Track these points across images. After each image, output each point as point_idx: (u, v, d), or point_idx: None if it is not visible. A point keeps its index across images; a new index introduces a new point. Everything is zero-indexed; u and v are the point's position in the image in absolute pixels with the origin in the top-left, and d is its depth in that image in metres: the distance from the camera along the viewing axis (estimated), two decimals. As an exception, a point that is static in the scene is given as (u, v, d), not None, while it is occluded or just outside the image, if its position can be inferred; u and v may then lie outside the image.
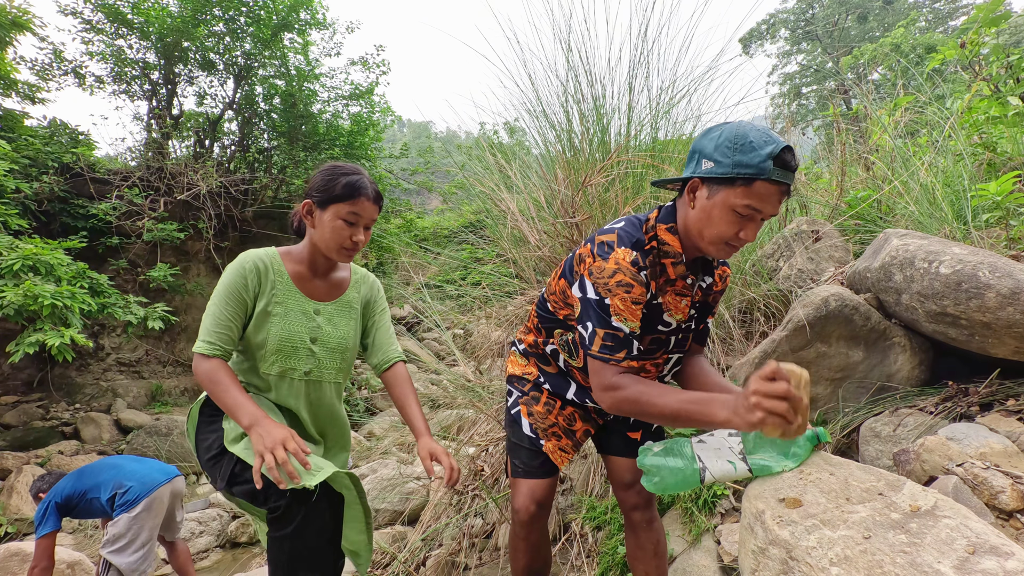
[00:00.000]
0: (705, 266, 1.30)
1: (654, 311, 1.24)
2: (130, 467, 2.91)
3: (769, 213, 1.09)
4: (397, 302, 11.84)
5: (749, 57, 24.09)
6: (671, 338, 1.30)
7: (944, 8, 21.38)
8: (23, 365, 6.60)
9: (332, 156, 9.61)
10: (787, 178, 1.07)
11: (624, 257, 1.16)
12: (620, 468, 1.48)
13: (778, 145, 1.05)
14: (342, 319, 1.51)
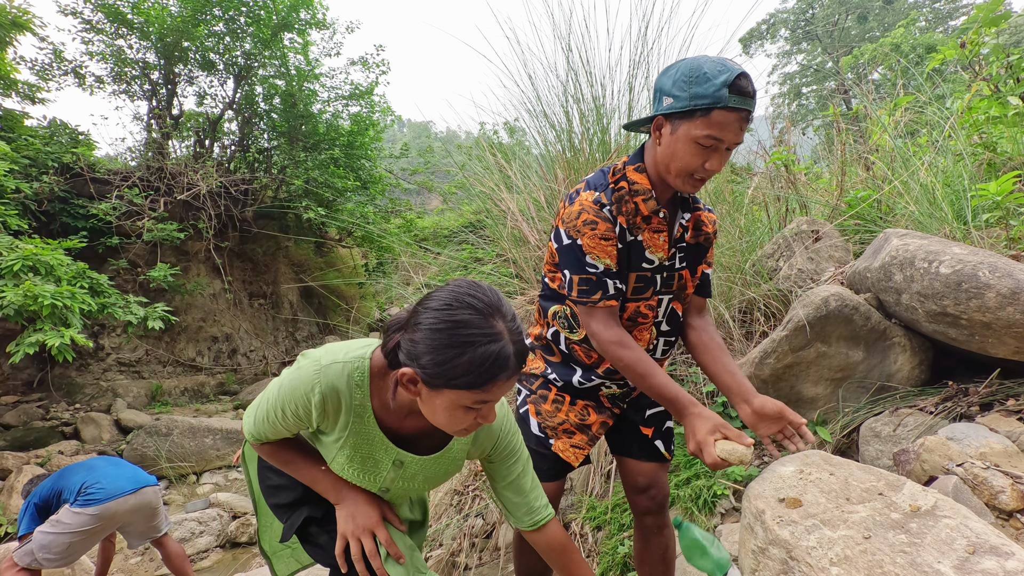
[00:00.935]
0: (683, 203, 1.32)
1: (634, 248, 1.26)
2: (104, 469, 2.87)
3: (731, 141, 1.12)
4: (397, 302, 11.84)
5: (749, 57, 24.09)
6: (656, 276, 1.30)
7: (944, 8, 21.38)
8: (23, 365, 6.59)
9: (332, 156, 9.60)
10: (745, 104, 1.08)
11: (588, 198, 1.23)
12: (635, 472, 1.44)
13: (732, 72, 1.06)
14: (439, 473, 1.18)
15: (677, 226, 1.30)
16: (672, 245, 1.30)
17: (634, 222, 1.25)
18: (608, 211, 1.23)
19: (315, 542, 1.21)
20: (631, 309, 1.31)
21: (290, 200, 9.48)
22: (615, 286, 1.24)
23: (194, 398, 7.93)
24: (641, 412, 1.46)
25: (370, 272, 11.42)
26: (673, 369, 2.43)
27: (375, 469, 1.11)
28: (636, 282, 1.28)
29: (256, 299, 9.76)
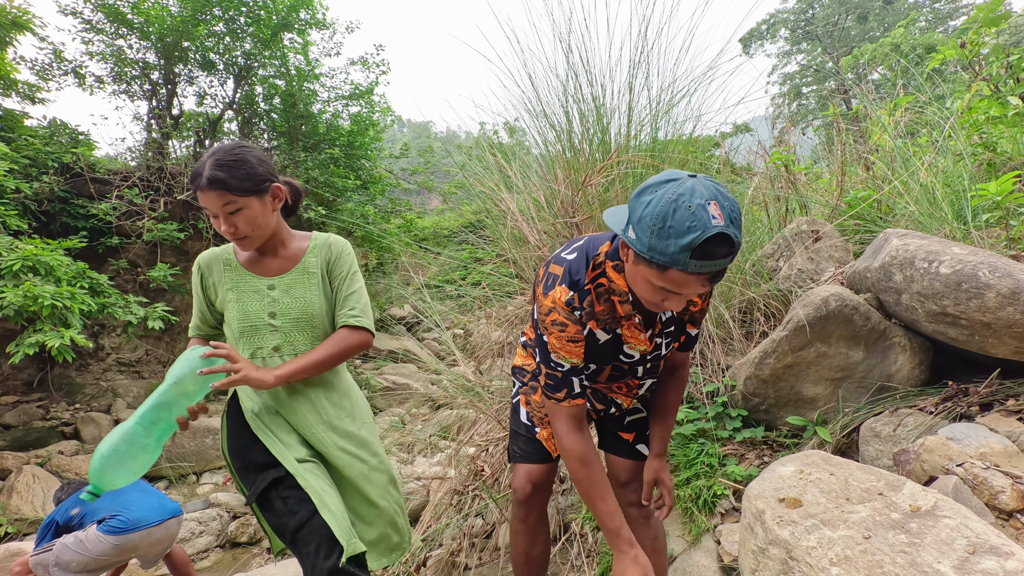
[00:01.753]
0: None
1: (613, 343, 1.25)
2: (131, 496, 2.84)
3: (689, 295, 1.04)
4: (397, 302, 11.84)
5: (749, 57, 24.08)
6: (637, 367, 1.33)
7: (944, 8, 21.38)
8: (23, 365, 6.60)
9: (332, 156, 9.61)
10: (708, 268, 0.97)
11: (560, 296, 1.17)
12: (616, 467, 1.53)
13: (703, 233, 0.92)
14: (300, 288, 1.48)
15: (658, 320, 1.27)
16: (654, 337, 1.28)
17: (612, 318, 1.21)
18: (579, 314, 1.19)
19: (271, 507, 1.33)
20: (604, 382, 1.40)
21: (290, 200, 9.46)
22: (581, 383, 1.24)
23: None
24: (620, 420, 1.54)
25: (370, 272, 11.42)
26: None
27: (255, 297, 1.46)
28: (613, 371, 1.35)
29: (256, 299, 9.76)
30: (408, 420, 4.50)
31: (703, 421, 2.16)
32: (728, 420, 2.15)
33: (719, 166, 3.42)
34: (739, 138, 3.92)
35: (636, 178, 2.71)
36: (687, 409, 2.21)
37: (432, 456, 3.76)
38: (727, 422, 2.15)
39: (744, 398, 2.13)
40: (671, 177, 0.99)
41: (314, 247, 1.54)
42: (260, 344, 1.43)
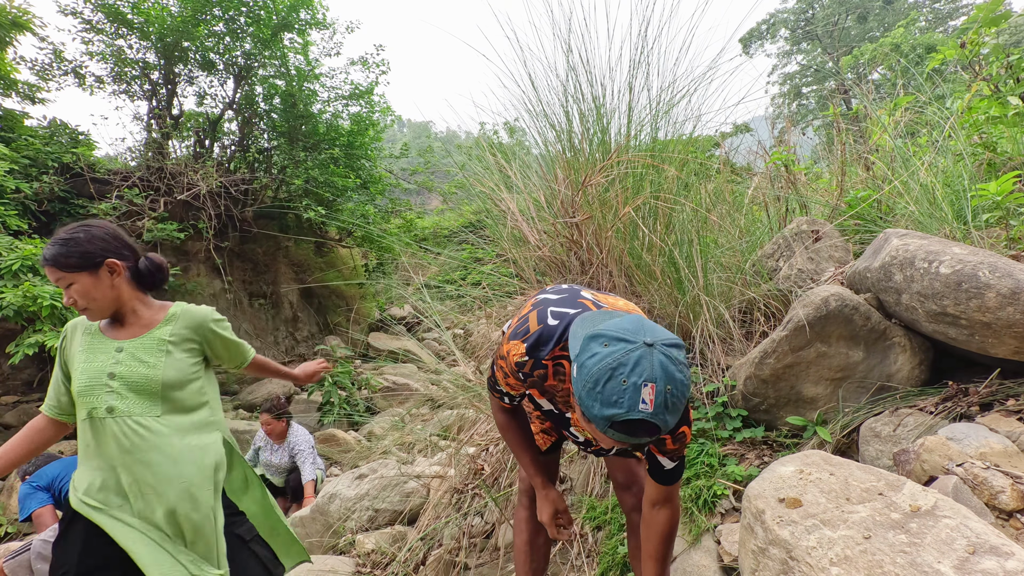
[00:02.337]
0: None
1: (559, 416, 1.33)
2: None
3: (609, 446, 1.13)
4: (397, 302, 11.84)
5: (749, 57, 24.09)
6: (579, 445, 1.42)
7: (944, 8, 21.38)
8: (23, 365, 6.58)
9: (332, 156, 9.61)
10: (624, 440, 0.95)
11: (516, 354, 1.20)
12: (614, 469, 1.54)
13: (623, 415, 0.91)
14: (149, 354, 1.55)
15: None
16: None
17: (564, 400, 1.25)
18: (523, 376, 1.22)
19: None
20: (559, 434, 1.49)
21: (290, 200, 9.48)
22: (511, 401, 1.37)
23: (194, 398, 7.92)
24: None
25: (370, 272, 11.43)
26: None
27: (102, 357, 1.53)
28: (559, 435, 1.45)
29: (256, 299, 9.76)
30: (408, 420, 4.50)
31: (703, 421, 2.16)
32: (728, 420, 2.15)
33: (719, 166, 3.42)
34: (739, 138, 3.92)
35: (636, 178, 2.71)
36: (687, 409, 2.21)
37: (432, 456, 3.76)
38: (727, 422, 2.15)
39: (744, 398, 2.13)
40: (625, 337, 0.95)
41: (169, 317, 1.65)
42: (95, 404, 1.48)
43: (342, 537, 3.04)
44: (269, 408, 4.30)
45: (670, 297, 2.49)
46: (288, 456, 4.32)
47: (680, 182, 2.73)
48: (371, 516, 3.15)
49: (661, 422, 0.92)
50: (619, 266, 2.62)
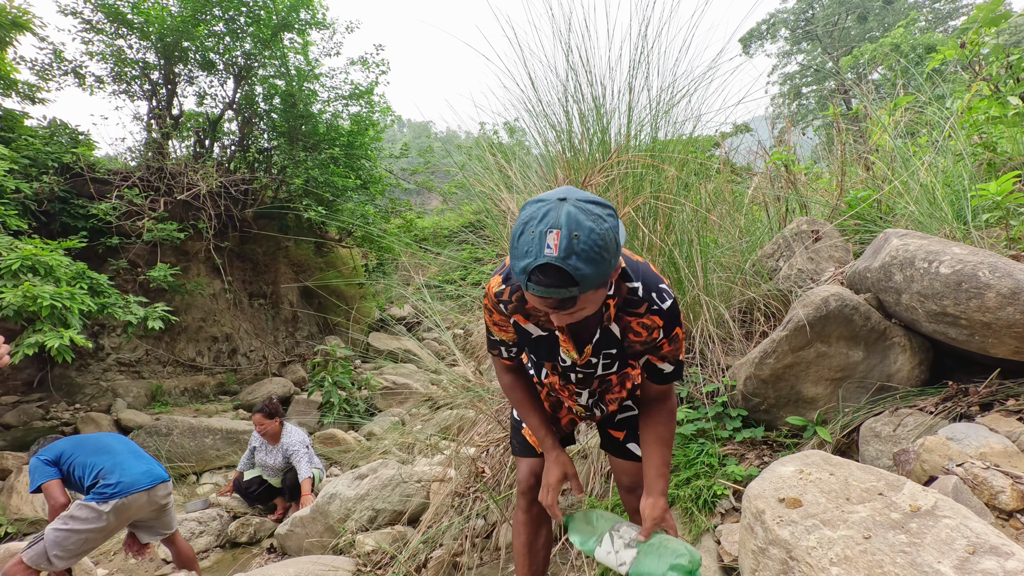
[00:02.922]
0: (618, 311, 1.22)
1: (549, 342, 1.30)
2: (123, 460, 2.87)
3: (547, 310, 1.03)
4: (397, 302, 11.83)
5: (749, 57, 24.08)
6: (570, 374, 1.36)
7: (944, 8, 21.38)
8: (23, 365, 6.59)
9: (332, 156, 9.61)
10: (542, 293, 0.97)
11: (493, 286, 1.27)
12: (618, 470, 1.54)
13: (531, 263, 0.94)
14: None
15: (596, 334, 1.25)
16: (595, 351, 1.27)
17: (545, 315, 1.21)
18: (504, 307, 1.26)
19: None
20: (549, 382, 1.43)
21: (290, 200, 9.48)
22: (508, 352, 1.39)
23: (194, 398, 7.92)
24: (611, 418, 1.56)
25: (370, 272, 11.43)
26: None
27: None
28: (552, 370, 1.40)
29: (256, 299, 9.76)
30: (408, 420, 4.50)
31: (703, 421, 2.16)
32: (728, 420, 2.15)
33: (719, 166, 3.42)
34: (739, 138, 3.91)
35: (636, 178, 2.70)
36: (687, 409, 2.21)
37: (432, 456, 3.75)
38: (727, 422, 2.15)
39: (744, 398, 2.13)
40: (542, 197, 0.99)
41: None
42: None
43: (342, 537, 3.04)
44: (261, 408, 4.29)
45: (670, 297, 2.49)
46: (282, 457, 4.31)
47: (680, 182, 2.73)
48: (371, 516, 3.15)
49: (571, 268, 0.93)
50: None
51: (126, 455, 2.92)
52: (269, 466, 4.36)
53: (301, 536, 3.42)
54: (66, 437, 3.00)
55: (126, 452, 2.95)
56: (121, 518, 2.77)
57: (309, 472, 4.18)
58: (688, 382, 2.36)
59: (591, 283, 0.97)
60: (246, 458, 4.57)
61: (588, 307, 1.05)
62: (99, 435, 3.05)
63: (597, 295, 1.04)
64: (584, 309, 1.05)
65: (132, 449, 3.03)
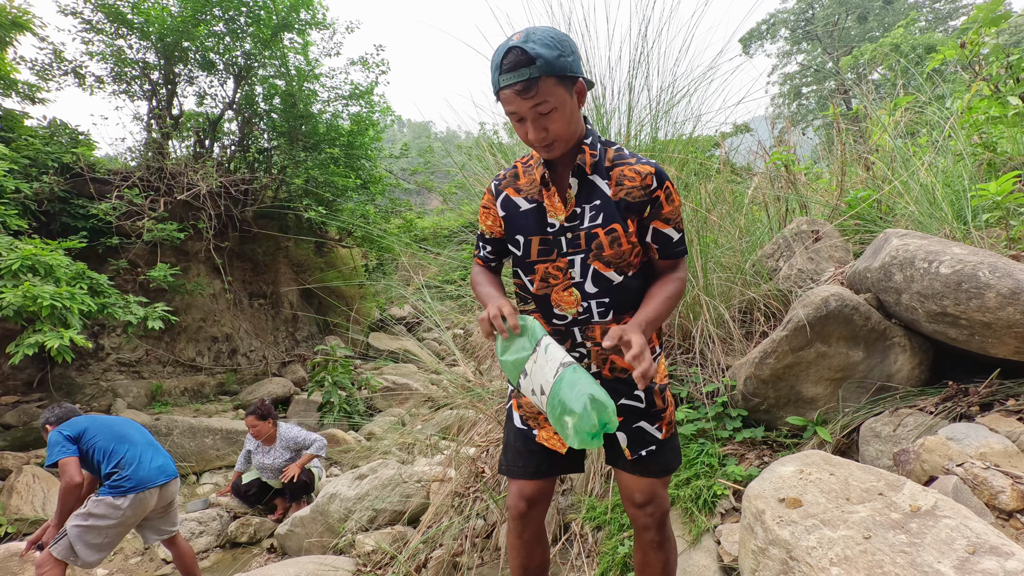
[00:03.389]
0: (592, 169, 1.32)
1: (537, 213, 1.35)
2: (142, 452, 2.91)
3: (523, 111, 1.19)
4: (397, 302, 11.83)
5: (749, 57, 24.09)
6: (560, 238, 1.34)
7: (944, 8, 21.38)
8: (23, 365, 6.59)
9: (332, 156, 9.61)
10: (512, 79, 1.14)
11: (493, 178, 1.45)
12: (627, 486, 1.41)
13: (500, 54, 1.15)
14: None
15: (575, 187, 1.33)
16: (579, 202, 1.32)
17: (537, 189, 1.35)
18: (496, 184, 1.42)
19: None
20: (540, 271, 1.37)
21: (290, 200, 9.48)
22: (485, 250, 1.48)
23: (194, 398, 7.93)
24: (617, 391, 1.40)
25: (370, 272, 11.43)
26: (673, 369, 2.43)
27: None
28: (540, 244, 1.36)
29: (256, 299, 9.76)
30: (408, 420, 4.50)
31: (703, 421, 2.16)
32: (728, 420, 2.15)
33: (719, 166, 3.42)
34: (739, 138, 3.91)
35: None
36: (687, 409, 2.21)
37: (432, 456, 3.75)
38: (727, 422, 2.15)
39: (744, 398, 2.13)
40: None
41: None
42: None
43: (342, 537, 3.04)
44: (253, 411, 4.27)
45: (670, 297, 2.49)
46: (285, 453, 4.31)
47: (680, 182, 2.73)
48: (371, 516, 3.15)
49: (529, 48, 1.12)
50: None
51: (145, 447, 2.96)
52: (267, 467, 4.35)
53: (301, 536, 3.42)
54: (88, 415, 2.98)
55: (145, 444, 2.99)
56: (137, 511, 2.82)
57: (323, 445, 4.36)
58: (688, 382, 2.36)
59: (548, 64, 1.13)
60: (243, 459, 4.58)
61: (552, 104, 1.17)
62: (119, 420, 3.07)
63: (558, 93, 1.17)
64: (549, 103, 1.17)
65: (150, 441, 3.06)
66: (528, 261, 1.37)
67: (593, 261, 1.31)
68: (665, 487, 1.41)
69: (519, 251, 1.38)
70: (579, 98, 1.25)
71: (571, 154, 1.31)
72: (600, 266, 1.32)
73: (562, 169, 1.33)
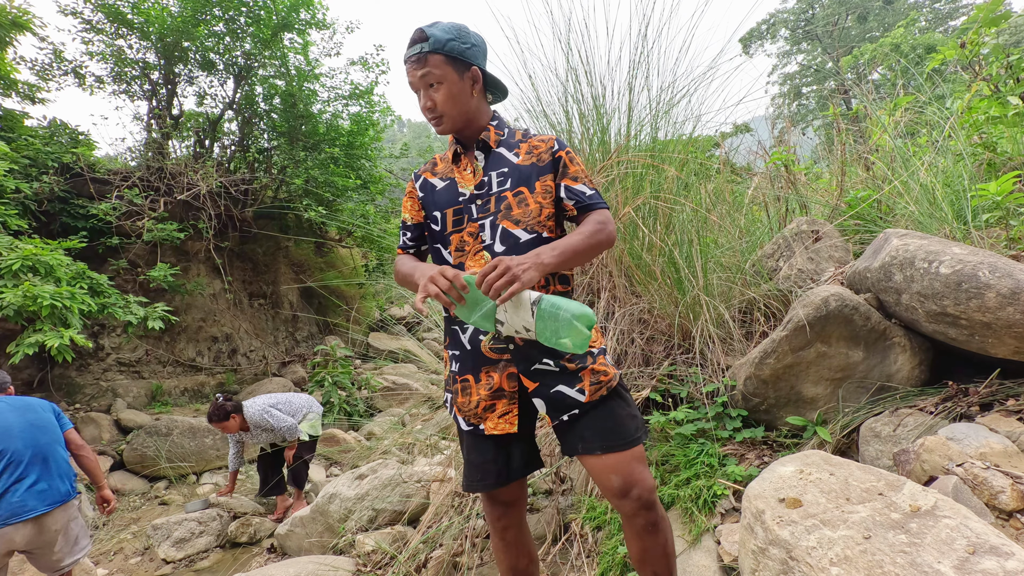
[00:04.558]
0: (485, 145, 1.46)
1: (450, 187, 1.47)
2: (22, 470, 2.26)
3: (414, 83, 1.37)
4: (397, 302, 11.82)
5: (749, 57, 24.07)
6: (470, 205, 1.42)
7: (944, 8, 21.38)
8: (23, 365, 6.59)
9: (332, 156, 9.61)
10: (410, 52, 1.35)
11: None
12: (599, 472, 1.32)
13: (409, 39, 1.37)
14: None
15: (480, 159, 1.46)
16: (486, 171, 1.44)
17: (449, 168, 1.49)
18: (416, 174, 1.57)
19: None
20: (456, 240, 1.44)
21: (290, 200, 9.47)
22: (406, 236, 1.56)
23: (194, 398, 7.92)
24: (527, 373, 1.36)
25: (370, 272, 11.42)
26: (673, 369, 2.43)
27: None
28: (454, 215, 1.44)
29: (256, 299, 9.76)
30: (408, 420, 4.50)
31: (703, 421, 2.16)
32: (728, 420, 2.15)
33: (719, 166, 3.42)
34: (739, 138, 3.91)
35: (636, 178, 2.71)
36: (687, 409, 2.21)
37: (432, 456, 3.75)
38: (727, 422, 2.15)
39: (744, 398, 2.13)
40: None
41: None
42: None
43: (342, 537, 3.04)
44: (211, 419, 4.18)
45: (670, 297, 2.49)
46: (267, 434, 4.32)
47: (680, 182, 2.73)
48: (371, 516, 3.15)
49: (428, 29, 1.33)
50: (619, 266, 2.62)
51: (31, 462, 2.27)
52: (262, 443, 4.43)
53: (301, 536, 3.42)
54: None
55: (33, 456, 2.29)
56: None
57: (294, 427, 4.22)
58: (688, 382, 2.36)
59: (438, 43, 1.32)
60: (234, 454, 4.57)
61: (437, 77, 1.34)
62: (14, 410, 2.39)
63: (446, 71, 1.34)
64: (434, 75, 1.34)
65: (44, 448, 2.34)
66: (445, 233, 1.45)
67: (502, 221, 1.39)
68: (640, 462, 1.32)
69: (437, 226, 1.47)
70: (474, 84, 1.40)
71: (479, 136, 1.46)
72: (509, 224, 1.39)
73: (468, 150, 1.49)
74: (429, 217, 1.49)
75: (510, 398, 1.39)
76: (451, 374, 1.49)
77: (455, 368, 1.47)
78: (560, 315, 1.14)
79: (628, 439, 1.32)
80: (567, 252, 1.27)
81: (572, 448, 1.37)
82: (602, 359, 1.40)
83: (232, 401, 4.28)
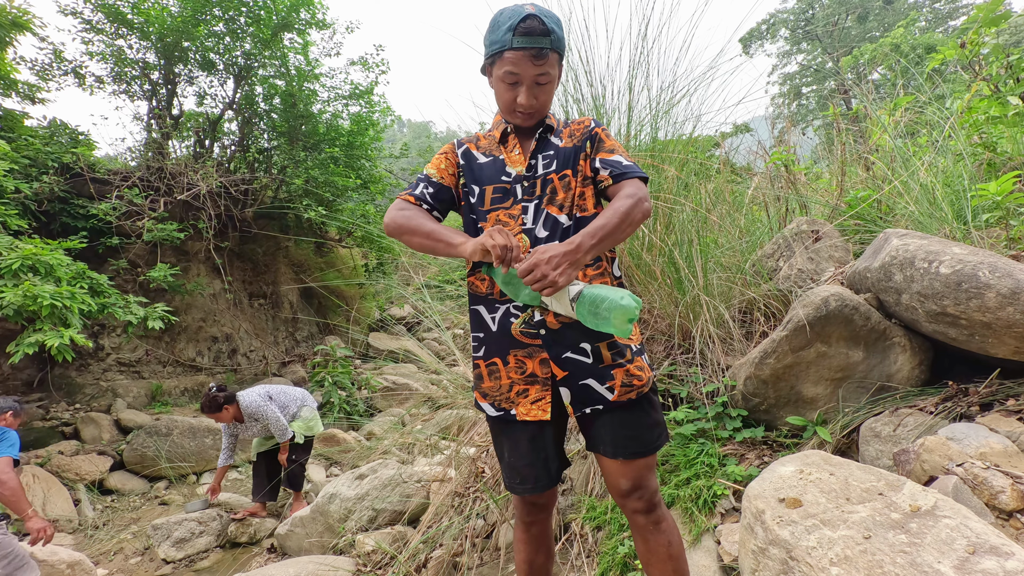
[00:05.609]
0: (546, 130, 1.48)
1: (495, 164, 1.45)
2: None
3: (526, 75, 1.29)
4: (397, 302, 11.82)
5: (749, 57, 24.07)
6: (516, 186, 1.41)
7: (944, 8, 21.37)
8: (23, 365, 6.59)
9: (332, 156, 9.61)
10: (529, 43, 1.24)
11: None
12: (611, 473, 1.36)
13: (517, 16, 1.24)
14: None
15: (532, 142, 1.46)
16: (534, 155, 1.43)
17: (495, 144, 1.48)
18: (458, 141, 1.52)
19: None
20: (492, 219, 1.41)
21: (290, 200, 9.47)
22: (427, 190, 1.46)
23: (194, 398, 7.92)
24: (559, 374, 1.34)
25: (370, 272, 11.42)
26: (673, 369, 2.43)
27: None
28: (494, 193, 1.42)
29: (256, 299, 9.76)
30: (408, 420, 4.50)
31: (703, 421, 2.16)
32: (728, 420, 2.15)
33: (719, 166, 3.42)
34: (739, 138, 3.91)
35: (636, 178, 2.70)
36: (687, 409, 2.21)
37: (432, 456, 3.76)
38: (727, 422, 2.15)
39: (744, 398, 2.13)
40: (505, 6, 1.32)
41: None
42: None
43: (342, 537, 3.04)
44: (204, 410, 4.18)
45: (670, 297, 2.49)
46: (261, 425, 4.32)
47: (680, 182, 2.73)
48: (371, 516, 3.15)
49: (546, 16, 1.26)
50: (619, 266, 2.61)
51: None
52: (256, 435, 4.42)
53: (301, 536, 3.42)
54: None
55: None
56: None
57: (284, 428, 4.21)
58: (688, 382, 2.36)
59: (559, 41, 1.29)
60: (227, 449, 4.54)
61: (551, 77, 1.32)
62: None
63: (558, 72, 1.35)
64: (549, 75, 1.31)
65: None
66: (482, 209, 1.42)
67: (547, 206, 1.39)
68: (651, 471, 1.36)
69: (473, 199, 1.45)
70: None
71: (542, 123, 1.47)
72: (553, 209, 1.38)
73: (519, 133, 1.49)
74: (466, 187, 1.46)
75: (543, 384, 1.35)
76: (475, 359, 1.44)
77: (480, 354, 1.42)
78: (600, 312, 1.15)
79: (646, 449, 1.34)
80: (605, 237, 1.25)
81: (594, 446, 1.39)
82: (639, 360, 1.37)
83: (225, 391, 4.26)
